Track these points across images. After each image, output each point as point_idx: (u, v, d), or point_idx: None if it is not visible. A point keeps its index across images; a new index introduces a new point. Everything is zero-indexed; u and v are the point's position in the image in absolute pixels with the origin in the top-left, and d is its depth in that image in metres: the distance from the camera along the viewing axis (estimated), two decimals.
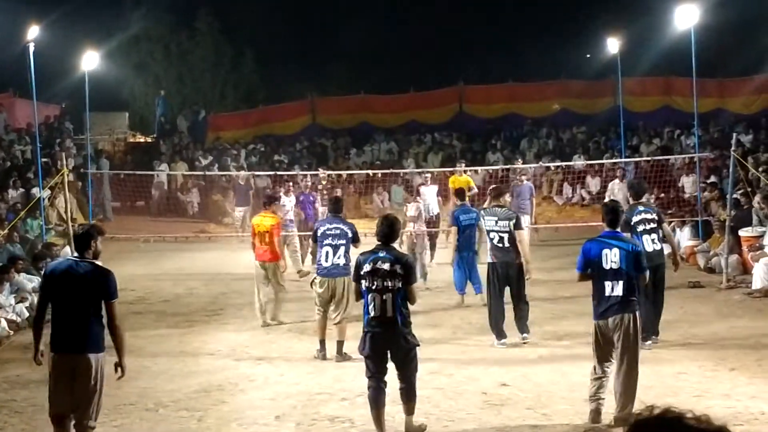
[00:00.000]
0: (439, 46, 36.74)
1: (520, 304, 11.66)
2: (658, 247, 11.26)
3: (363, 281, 7.87)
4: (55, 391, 7.07)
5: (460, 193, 15.38)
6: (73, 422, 7.11)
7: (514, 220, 11.62)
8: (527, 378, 10.04)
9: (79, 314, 7.03)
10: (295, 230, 18.51)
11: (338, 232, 11.18)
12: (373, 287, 7.78)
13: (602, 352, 8.37)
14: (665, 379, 9.71)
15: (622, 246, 8.37)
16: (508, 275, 11.57)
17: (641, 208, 11.40)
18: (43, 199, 18.78)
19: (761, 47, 27.96)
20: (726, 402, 8.64)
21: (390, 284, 7.74)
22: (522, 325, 11.63)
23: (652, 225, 11.22)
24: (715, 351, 10.99)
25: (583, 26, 31.84)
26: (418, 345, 8.07)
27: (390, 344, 7.85)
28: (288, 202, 18.82)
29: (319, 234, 11.28)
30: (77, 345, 7.02)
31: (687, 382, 9.62)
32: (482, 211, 12.21)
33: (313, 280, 11.50)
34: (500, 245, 11.57)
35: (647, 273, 8.63)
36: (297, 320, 13.24)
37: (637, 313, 8.34)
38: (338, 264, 11.12)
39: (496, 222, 11.61)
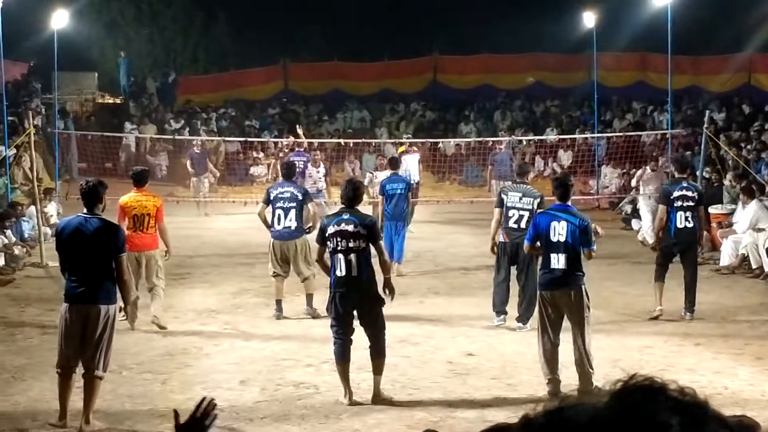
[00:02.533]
0: (415, 14, 36.43)
1: (527, 289, 10.74)
2: (690, 225, 11.23)
3: (328, 243, 8.10)
4: (65, 341, 7.49)
5: (392, 162, 15.46)
6: (83, 372, 7.51)
7: (539, 199, 10.81)
8: (493, 348, 10.06)
9: (91, 268, 7.44)
10: (322, 200, 17.50)
11: (289, 195, 11.40)
12: (339, 248, 8.04)
13: (551, 323, 8.37)
14: (631, 353, 9.76)
15: (570, 219, 8.40)
16: (518, 255, 10.73)
17: (685, 184, 11.37)
18: (9, 158, 18.47)
19: (738, 26, 27.98)
20: (690, 376, 8.68)
21: (354, 245, 8.01)
22: (523, 315, 10.83)
23: (690, 203, 11.20)
24: (681, 326, 11.06)
25: None
26: (383, 303, 8.23)
27: (356, 303, 8.10)
28: (315, 172, 18.36)
29: (271, 198, 11.50)
30: (89, 296, 7.42)
31: (652, 356, 9.68)
32: (506, 187, 11.70)
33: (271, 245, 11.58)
34: (516, 225, 10.72)
35: (594, 248, 8.53)
36: (264, 285, 13.12)
37: (583, 288, 8.39)
38: (289, 227, 11.35)
39: (520, 198, 10.83)
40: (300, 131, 21.45)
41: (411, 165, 19.16)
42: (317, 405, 8.09)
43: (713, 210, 16.26)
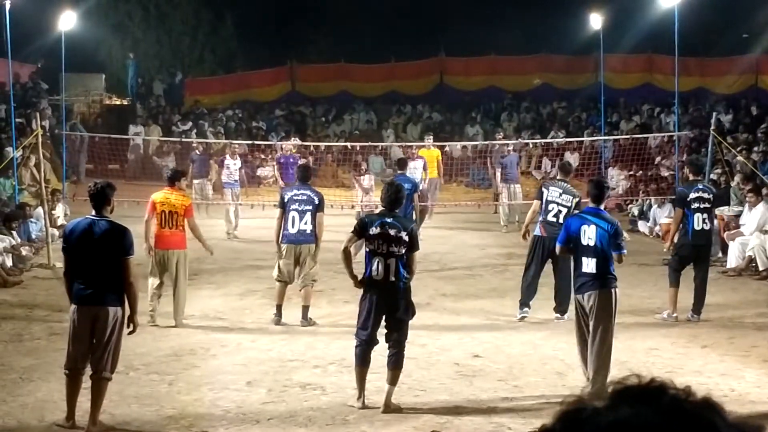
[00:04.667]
0: (421, 16, 36.45)
1: (563, 281, 11.16)
2: (707, 227, 11.32)
3: (368, 244, 8.01)
4: (74, 343, 7.50)
5: (400, 162, 15.82)
6: (90, 373, 7.50)
7: (578, 200, 11.18)
8: (499, 350, 10.05)
9: (99, 270, 7.42)
10: (238, 189, 19.55)
11: (305, 198, 11.15)
12: (379, 251, 7.94)
13: (586, 325, 8.37)
14: (638, 355, 9.74)
15: (599, 224, 8.37)
16: (553, 249, 10.91)
17: (700, 186, 11.47)
18: (17, 159, 18.50)
19: (744, 27, 27.95)
20: (697, 379, 8.67)
21: (396, 250, 7.94)
22: (560, 306, 11.27)
23: (706, 205, 11.28)
24: (688, 328, 11.04)
25: (566, 0, 31.66)
26: (414, 314, 8.17)
27: (389, 307, 8.02)
28: (233, 164, 19.37)
29: (286, 200, 11.22)
30: (98, 298, 7.42)
31: (659, 358, 9.66)
32: (547, 182, 11.94)
33: (279, 249, 11.36)
34: (555, 219, 11.04)
35: (624, 252, 8.51)
36: (270, 286, 13.14)
37: (614, 291, 8.33)
38: (304, 230, 11.13)
39: (560, 194, 11.17)
40: (287, 146, 21.75)
41: (417, 171, 19.15)
42: (324, 406, 8.09)
43: (720, 212, 16.23)
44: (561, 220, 10.99)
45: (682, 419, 1.25)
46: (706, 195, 11.33)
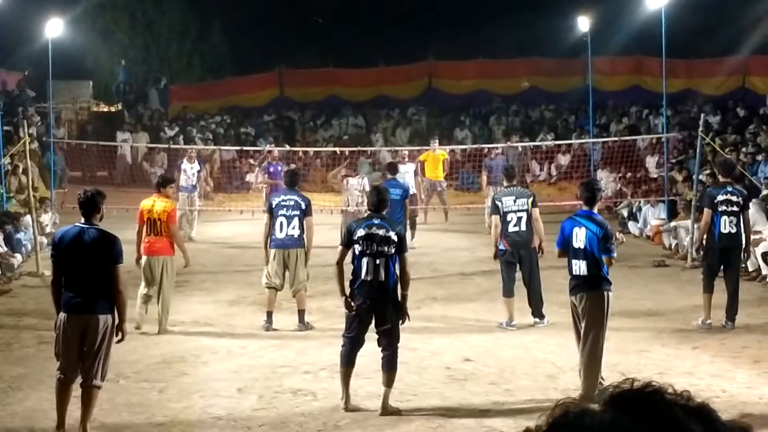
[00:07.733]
0: (410, 20, 36.44)
1: (533, 287, 11.26)
2: (734, 230, 11.11)
3: (356, 246, 8.05)
4: (64, 351, 7.45)
5: (391, 167, 16.02)
6: (80, 381, 7.46)
7: (532, 198, 11.29)
8: (491, 353, 10.05)
9: (89, 278, 7.39)
10: (195, 195, 19.51)
11: (292, 203, 11.27)
12: (368, 251, 7.99)
13: (577, 328, 8.38)
14: (629, 357, 9.75)
15: (589, 227, 8.36)
16: (521, 257, 11.20)
17: (729, 188, 11.27)
18: (4, 167, 18.41)
19: (732, 28, 28.02)
20: (688, 380, 8.68)
21: (384, 249, 7.99)
22: (536, 310, 11.30)
23: (734, 208, 11.10)
24: (679, 330, 11.05)
25: (554, 3, 31.72)
26: (405, 318, 8.15)
27: (378, 309, 8.03)
28: (190, 168, 19.33)
29: (273, 205, 11.36)
30: (87, 306, 7.37)
31: (650, 360, 9.68)
32: (498, 193, 11.90)
33: (267, 254, 11.41)
34: (517, 228, 11.07)
35: (613, 256, 8.47)
36: (261, 293, 13.10)
37: (605, 294, 8.32)
38: (292, 235, 11.23)
39: (515, 201, 11.14)
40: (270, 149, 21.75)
41: (406, 175, 19.08)
42: (315, 412, 8.07)
43: None
44: (523, 227, 11.09)
45: (659, 428, 1.23)
46: (735, 198, 11.12)
